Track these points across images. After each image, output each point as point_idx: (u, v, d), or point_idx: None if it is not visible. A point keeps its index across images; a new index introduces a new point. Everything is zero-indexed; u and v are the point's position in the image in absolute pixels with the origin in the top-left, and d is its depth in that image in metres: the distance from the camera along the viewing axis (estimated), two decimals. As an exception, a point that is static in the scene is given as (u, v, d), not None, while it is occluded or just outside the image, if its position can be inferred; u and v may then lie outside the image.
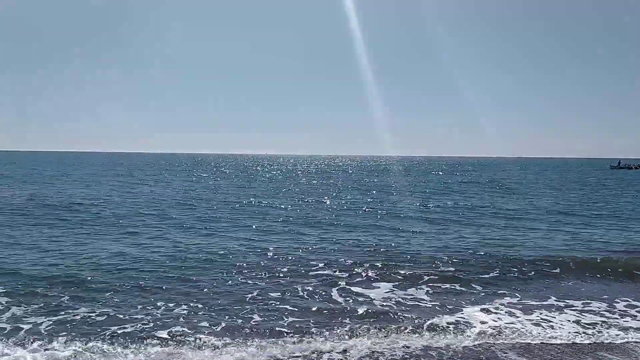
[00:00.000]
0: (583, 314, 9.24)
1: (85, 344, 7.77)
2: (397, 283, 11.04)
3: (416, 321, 8.72)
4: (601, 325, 8.65)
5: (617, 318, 9.07)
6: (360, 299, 10.02)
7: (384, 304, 9.73)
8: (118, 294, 10.10)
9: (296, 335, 8.03)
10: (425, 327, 8.41)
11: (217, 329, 8.38)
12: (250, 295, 10.12)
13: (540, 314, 9.20)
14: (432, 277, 11.42)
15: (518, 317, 9.02)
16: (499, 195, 33.13)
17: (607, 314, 9.26)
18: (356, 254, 14.04)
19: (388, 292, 10.46)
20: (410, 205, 26.79)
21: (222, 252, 14.20)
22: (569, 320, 8.85)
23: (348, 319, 8.86)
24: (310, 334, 8.10)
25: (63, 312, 9.12)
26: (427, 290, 10.52)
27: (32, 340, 7.91)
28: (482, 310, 9.37)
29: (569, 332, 8.26)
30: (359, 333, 8.14)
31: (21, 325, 8.52)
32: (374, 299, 9.98)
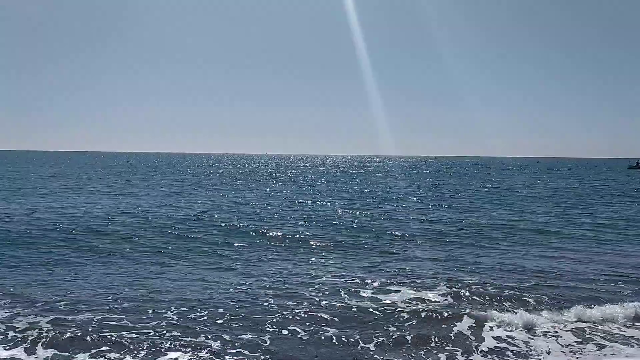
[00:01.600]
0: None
1: (90, 350, 7.37)
2: (410, 289, 10.81)
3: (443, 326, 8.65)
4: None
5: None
6: (382, 305, 9.77)
7: (406, 308, 9.54)
8: (128, 300, 9.67)
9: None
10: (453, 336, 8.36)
11: (267, 343, 7.85)
12: (266, 303, 9.73)
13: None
14: (443, 283, 11.24)
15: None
16: (507, 204, 29.31)
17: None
18: (361, 260, 13.74)
19: (405, 297, 10.22)
20: (412, 212, 24.97)
21: (222, 255, 13.92)
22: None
23: (384, 327, 8.66)
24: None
25: (64, 314, 8.74)
26: (445, 297, 10.26)
27: (33, 345, 7.52)
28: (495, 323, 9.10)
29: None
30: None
31: (18, 327, 8.10)
32: (397, 304, 9.84)
